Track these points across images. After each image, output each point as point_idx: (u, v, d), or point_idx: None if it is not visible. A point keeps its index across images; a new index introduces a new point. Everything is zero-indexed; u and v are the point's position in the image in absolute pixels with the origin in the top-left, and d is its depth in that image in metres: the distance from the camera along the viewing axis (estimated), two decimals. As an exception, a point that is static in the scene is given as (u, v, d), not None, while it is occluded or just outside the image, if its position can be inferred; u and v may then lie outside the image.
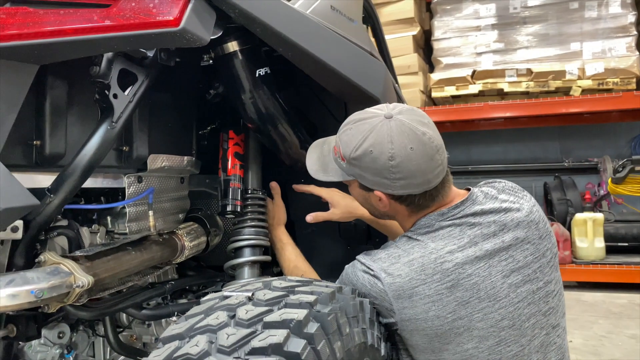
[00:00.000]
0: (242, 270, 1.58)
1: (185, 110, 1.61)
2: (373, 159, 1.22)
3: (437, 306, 1.18)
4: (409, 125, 1.22)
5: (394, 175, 1.22)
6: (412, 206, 1.30)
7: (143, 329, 1.67)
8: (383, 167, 1.22)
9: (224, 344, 0.84)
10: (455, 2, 5.52)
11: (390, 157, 1.20)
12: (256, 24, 1.15)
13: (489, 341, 1.21)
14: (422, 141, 1.22)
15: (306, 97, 1.73)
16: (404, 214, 1.34)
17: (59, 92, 1.19)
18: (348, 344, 1.01)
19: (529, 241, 1.27)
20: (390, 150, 1.20)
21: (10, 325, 1.22)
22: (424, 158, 1.21)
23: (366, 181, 1.28)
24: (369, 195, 1.33)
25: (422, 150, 1.21)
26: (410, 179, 1.22)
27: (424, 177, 1.23)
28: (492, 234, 1.25)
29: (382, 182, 1.25)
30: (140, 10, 1.02)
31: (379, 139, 1.21)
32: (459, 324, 1.19)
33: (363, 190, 1.33)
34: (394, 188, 1.25)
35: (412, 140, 1.21)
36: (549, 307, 1.27)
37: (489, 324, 1.20)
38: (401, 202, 1.29)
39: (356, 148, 1.24)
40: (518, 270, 1.24)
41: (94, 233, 1.42)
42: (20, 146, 1.15)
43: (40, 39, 0.99)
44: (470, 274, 1.20)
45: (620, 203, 5.68)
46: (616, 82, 4.97)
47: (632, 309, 4.39)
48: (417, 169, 1.22)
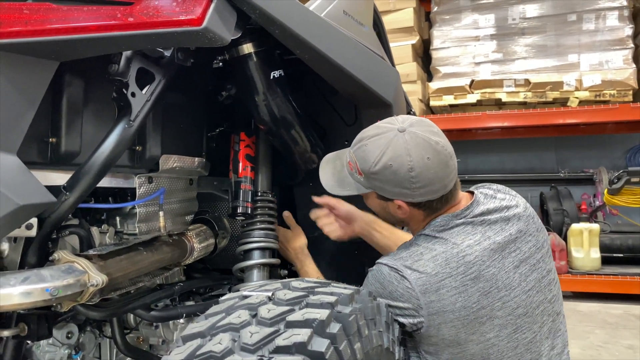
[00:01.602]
0: (251, 272, 1.58)
1: (197, 111, 1.61)
2: (393, 172, 1.28)
3: (463, 297, 1.24)
4: (422, 136, 1.29)
5: (414, 185, 1.28)
6: (429, 210, 1.37)
7: (150, 331, 1.65)
8: (403, 178, 1.28)
9: (247, 342, 0.84)
10: (454, 12, 5.56)
11: (410, 169, 1.27)
12: (275, 25, 1.15)
13: (507, 329, 1.27)
14: (437, 150, 1.29)
15: (316, 100, 1.74)
16: (420, 218, 1.40)
17: (75, 89, 1.19)
18: (367, 346, 1.01)
19: (530, 233, 1.37)
20: (409, 162, 1.27)
21: (21, 324, 1.21)
22: (440, 166, 1.29)
23: (386, 192, 1.34)
24: (387, 205, 1.39)
25: (438, 158, 1.29)
26: (429, 187, 1.29)
27: (441, 183, 1.30)
28: (500, 228, 1.34)
29: (403, 192, 1.31)
30: (163, 8, 1.03)
31: (397, 152, 1.28)
32: (482, 313, 1.25)
33: (382, 201, 1.39)
34: (414, 196, 1.31)
35: (427, 150, 1.28)
36: (552, 295, 1.36)
37: (507, 312, 1.27)
38: (419, 207, 1.36)
39: (375, 163, 1.30)
40: (525, 260, 1.33)
41: (103, 233, 1.42)
42: (35, 143, 1.15)
43: (62, 36, 0.99)
44: (489, 266, 1.27)
45: (615, 214, 5.71)
46: (613, 94, 5.01)
47: (628, 319, 4.40)
48: (435, 177, 1.29)
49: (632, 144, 6.04)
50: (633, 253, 5.21)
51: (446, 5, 5.60)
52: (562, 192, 5.59)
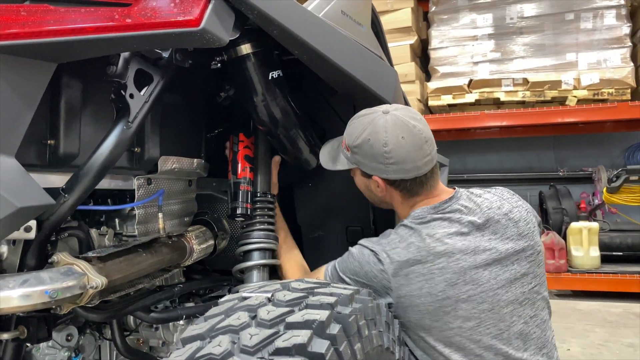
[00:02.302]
0: (250, 273, 1.57)
1: (196, 112, 1.60)
2: (370, 145, 1.40)
3: (430, 284, 1.32)
4: (402, 119, 1.41)
5: (387, 160, 1.39)
6: (405, 191, 1.46)
7: (150, 333, 1.65)
8: (378, 152, 1.39)
9: (247, 344, 0.84)
10: (452, 12, 5.57)
11: (384, 144, 1.38)
12: (274, 25, 1.15)
13: (471, 322, 1.33)
14: (412, 132, 1.40)
15: (315, 101, 1.73)
16: (399, 200, 1.49)
17: (73, 91, 1.19)
18: (367, 346, 1.01)
19: (508, 236, 1.41)
20: (385, 138, 1.39)
21: (20, 327, 1.21)
22: (413, 147, 1.39)
23: (365, 167, 1.45)
24: (369, 182, 1.50)
25: (412, 140, 1.40)
26: (401, 164, 1.40)
27: (413, 164, 1.40)
28: (477, 227, 1.40)
29: (378, 167, 1.42)
30: (161, 9, 1.02)
31: (376, 129, 1.40)
32: (447, 303, 1.32)
33: (364, 177, 1.50)
34: (388, 172, 1.41)
35: (403, 130, 1.40)
36: (524, 298, 1.40)
37: (471, 305, 1.33)
38: (395, 187, 1.45)
39: (357, 137, 1.42)
40: (499, 260, 1.38)
41: (102, 235, 1.41)
42: (33, 145, 1.14)
43: (60, 37, 0.99)
44: (459, 259, 1.34)
45: (614, 212, 5.72)
46: (611, 93, 5.02)
47: (628, 317, 4.41)
48: (407, 156, 1.39)
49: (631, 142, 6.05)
50: (632, 251, 5.22)
51: (444, 5, 5.60)
52: (561, 191, 5.60)
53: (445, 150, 4.14)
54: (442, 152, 3.98)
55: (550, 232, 5.12)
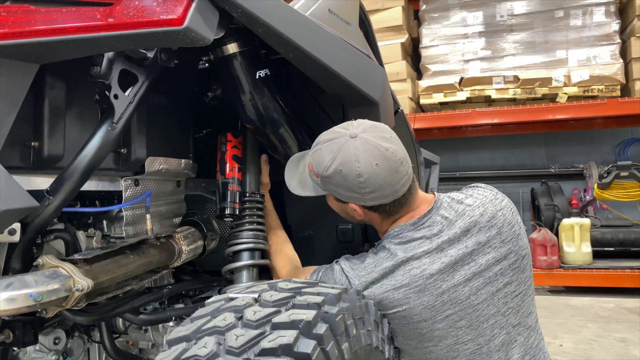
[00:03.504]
0: (240, 274, 1.56)
1: (183, 112, 1.59)
2: (343, 177, 1.31)
3: (405, 308, 1.30)
4: (372, 142, 1.31)
5: (363, 190, 1.31)
6: (384, 214, 1.41)
7: (139, 335, 1.64)
8: (352, 183, 1.31)
9: (233, 345, 0.83)
10: (442, 10, 5.58)
11: (358, 174, 1.29)
12: (258, 24, 1.14)
13: (448, 340, 1.31)
14: (386, 157, 1.30)
15: (303, 99, 1.73)
16: (378, 220, 1.45)
17: (57, 92, 1.17)
18: (355, 345, 1.00)
19: (490, 245, 1.35)
20: (357, 168, 1.29)
21: (6, 331, 1.19)
22: (389, 172, 1.30)
23: (340, 195, 1.38)
24: (345, 207, 1.43)
25: (387, 165, 1.30)
26: (379, 192, 1.32)
27: (391, 189, 1.33)
28: (457, 239, 1.34)
29: (354, 197, 1.34)
30: (144, 8, 1.01)
31: (346, 159, 1.30)
32: (422, 325, 1.30)
33: (339, 202, 1.44)
34: (365, 200, 1.34)
35: (376, 156, 1.29)
36: (507, 307, 1.35)
37: (448, 324, 1.30)
38: (374, 210, 1.39)
39: (327, 168, 1.33)
40: (480, 273, 1.33)
41: (89, 237, 1.40)
42: (17, 147, 1.13)
43: (41, 38, 0.98)
44: (437, 279, 1.30)
45: (605, 208, 5.76)
46: (601, 89, 5.05)
47: (620, 312, 4.43)
48: (384, 182, 1.31)
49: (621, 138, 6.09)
50: (624, 247, 5.25)
51: (434, 3, 5.62)
52: (553, 188, 5.63)
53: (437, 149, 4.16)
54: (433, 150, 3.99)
55: (542, 229, 5.14)
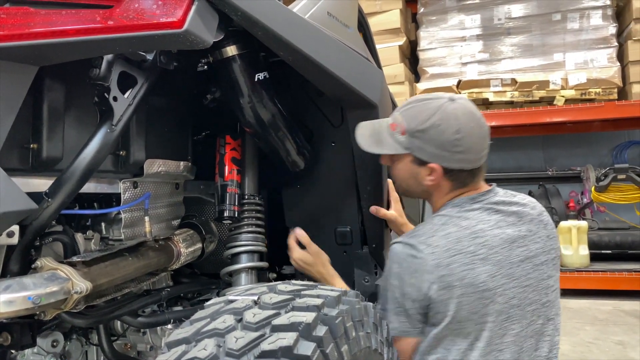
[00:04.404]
0: (239, 276, 1.57)
1: (182, 115, 1.60)
2: (440, 131, 1.35)
3: (472, 275, 1.29)
4: (469, 108, 1.40)
5: (455, 149, 1.35)
6: (457, 182, 1.42)
7: (138, 337, 1.63)
8: (447, 140, 1.35)
9: (232, 347, 0.83)
10: (440, 13, 5.59)
11: (456, 130, 1.35)
12: (258, 27, 1.14)
13: (502, 316, 1.32)
14: (479, 123, 1.39)
15: (302, 102, 1.73)
16: (444, 191, 1.44)
17: (56, 94, 1.17)
18: (354, 347, 1.00)
19: (539, 236, 1.41)
20: (457, 125, 1.35)
21: (4, 333, 1.19)
22: (479, 138, 1.38)
23: (424, 154, 1.39)
24: (418, 171, 1.42)
25: (479, 130, 1.38)
26: (467, 154, 1.37)
27: (476, 155, 1.39)
28: (512, 222, 1.39)
29: (442, 155, 1.37)
30: (144, 11, 1.01)
31: (446, 115, 1.36)
32: (486, 295, 1.30)
33: (414, 165, 1.42)
34: (451, 161, 1.37)
35: (472, 120, 1.38)
36: (546, 299, 1.39)
37: (504, 299, 1.32)
38: (450, 177, 1.41)
39: (424, 121, 1.36)
40: (530, 258, 1.37)
41: (88, 239, 1.40)
42: (16, 149, 1.13)
43: (41, 40, 0.98)
44: (497, 252, 1.33)
45: (603, 211, 5.76)
46: (598, 92, 5.06)
47: (618, 315, 4.44)
48: (474, 146, 1.37)
49: (618, 141, 6.11)
50: (621, 249, 5.26)
51: (432, 6, 5.63)
52: (550, 190, 5.64)
53: (435, 151, 4.16)
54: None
55: (539, 231, 5.14)
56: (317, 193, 1.75)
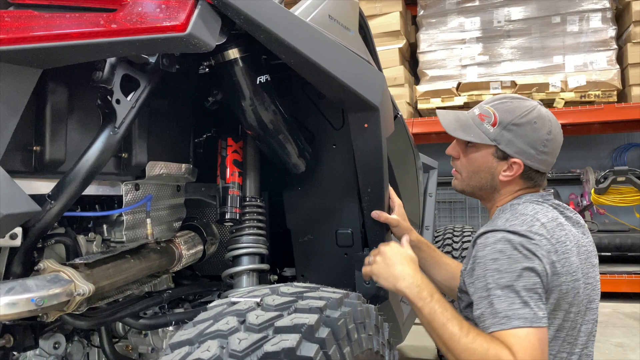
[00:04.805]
0: (240, 278, 1.57)
1: (183, 117, 1.60)
2: (535, 128, 1.41)
3: (568, 263, 1.31)
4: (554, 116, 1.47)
5: (543, 148, 1.41)
6: (529, 182, 1.47)
7: (139, 339, 1.63)
8: (539, 138, 1.40)
9: (236, 349, 0.83)
10: (440, 16, 5.61)
11: (549, 131, 1.41)
12: (260, 30, 1.15)
13: (581, 309, 1.35)
14: (561, 131, 1.47)
15: (303, 105, 1.73)
16: (513, 189, 1.48)
17: (59, 97, 1.18)
18: (356, 349, 1.01)
19: (589, 240, 1.47)
20: (550, 126, 1.42)
21: (7, 335, 1.19)
22: (560, 144, 1.46)
23: (512, 148, 1.42)
24: (497, 164, 1.45)
25: (561, 137, 1.46)
26: (549, 156, 1.44)
27: (553, 159, 1.46)
28: (573, 223, 1.44)
29: (529, 152, 1.41)
30: (147, 14, 1.02)
31: (542, 115, 1.43)
32: (577, 285, 1.32)
33: (494, 158, 1.45)
34: (534, 160, 1.42)
35: (558, 126, 1.46)
36: (596, 305, 1.43)
37: (583, 293, 1.35)
38: (524, 177, 1.45)
39: (522, 116, 1.41)
40: (589, 259, 1.42)
41: (90, 241, 1.40)
42: (19, 151, 1.13)
43: (45, 43, 0.98)
44: (580, 245, 1.38)
45: (602, 213, 5.77)
46: (598, 95, 5.08)
47: (617, 317, 4.44)
48: (556, 150, 1.45)
49: (618, 143, 6.12)
50: (620, 252, 5.27)
51: (432, 9, 5.64)
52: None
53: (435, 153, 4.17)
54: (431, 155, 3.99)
55: (539, 234, 5.14)
56: (318, 195, 1.76)
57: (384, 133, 1.56)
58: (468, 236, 3.42)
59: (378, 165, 1.58)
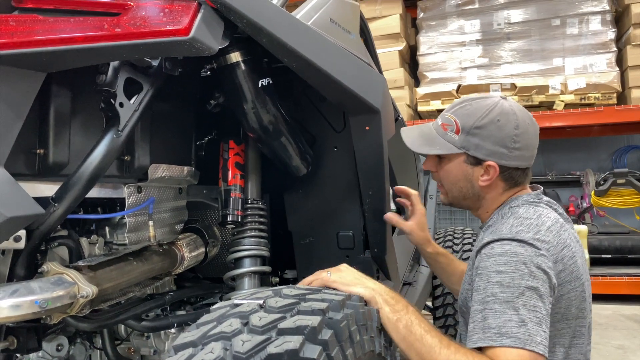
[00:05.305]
0: (242, 280, 1.57)
1: (185, 120, 1.61)
2: (499, 127, 1.34)
3: (575, 268, 1.27)
4: (521, 106, 1.41)
5: (514, 145, 1.34)
6: (511, 182, 1.40)
7: (141, 341, 1.64)
8: (507, 135, 1.34)
9: (239, 351, 0.84)
10: (440, 18, 5.62)
11: (515, 126, 1.34)
12: (263, 34, 1.16)
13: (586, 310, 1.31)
14: (532, 120, 1.40)
15: (305, 108, 1.74)
16: (498, 192, 1.42)
17: (63, 100, 1.19)
18: (359, 351, 1.01)
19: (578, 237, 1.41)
20: (516, 120, 1.35)
21: (10, 337, 1.20)
22: (534, 135, 1.39)
23: (482, 151, 1.36)
24: (472, 171, 1.40)
25: (534, 128, 1.39)
26: (524, 151, 1.36)
27: (531, 152, 1.38)
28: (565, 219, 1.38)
29: (500, 152, 1.35)
30: (151, 18, 1.03)
31: (505, 111, 1.36)
32: (584, 288, 1.29)
33: (468, 165, 1.40)
34: (508, 158, 1.35)
35: (527, 117, 1.38)
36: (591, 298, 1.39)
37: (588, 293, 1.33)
38: (504, 176, 1.39)
39: (482, 117, 1.36)
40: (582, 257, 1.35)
41: (92, 244, 1.41)
42: (23, 155, 1.14)
43: (49, 47, 0.99)
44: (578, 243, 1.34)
45: (602, 215, 5.78)
46: (597, 97, 5.09)
47: (618, 319, 4.44)
48: (530, 143, 1.37)
49: (618, 145, 6.13)
50: (620, 254, 5.27)
51: (432, 12, 5.66)
52: (550, 195, 5.63)
53: (435, 156, 4.19)
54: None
55: (539, 236, 5.15)
56: (319, 197, 1.76)
57: (385, 135, 1.57)
58: (468, 238, 3.43)
59: (379, 167, 1.58)
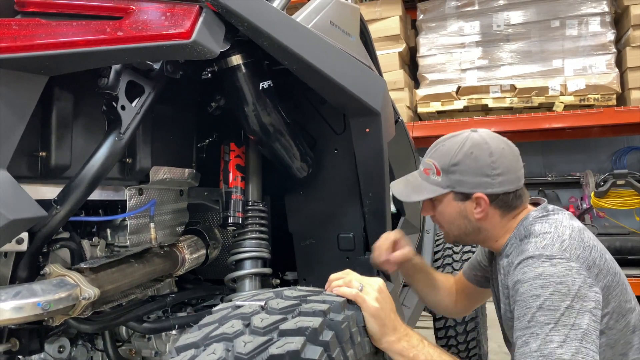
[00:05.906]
0: (243, 282, 1.58)
1: (187, 122, 1.61)
2: (474, 158, 1.36)
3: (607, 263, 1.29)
4: (493, 133, 1.44)
5: (494, 171, 1.35)
6: (506, 208, 1.40)
7: (142, 343, 1.65)
8: (484, 164, 1.36)
9: (241, 352, 0.84)
10: (440, 20, 5.62)
11: (489, 154, 1.36)
12: (263, 37, 1.16)
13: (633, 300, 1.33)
14: (508, 143, 1.42)
15: (305, 110, 1.75)
16: (496, 220, 1.41)
17: (65, 103, 1.20)
18: (359, 352, 1.02)
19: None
20: (488, 148, 1.36)
21: (12, 339, 1.20)
22: (513, 157, 1.40)
23: (466, 185, 1.38)
24: (464, 207, 1.40)
25: (510, 150, 1.41)
26: (507, 175, 1.37)
27: (515, 174, 1.39)
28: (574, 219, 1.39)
29: (483, 181, 1.36)
30: (152, 22, 1.04)
31: (476, 143, 1.38)
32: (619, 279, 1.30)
33: (458, 202, 1.41)
34: (493, 186, 1.36)
35: (500, 141, 1.40)
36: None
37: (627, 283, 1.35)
38: (496, 205, 1.39)
39: (456, 154, 1.38)
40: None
41: (94, 246, 1.41)
42: (25, 157, 1.15)
43: (51, 50, 1.00)
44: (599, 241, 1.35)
45: (602, 217, 5.77)
46: (597, 98, 5.08)
47: (618, 320, 4.44)
48: (510, 165, 1.38)
49: (617, 147, 6.12)
50: (621, 255, 5.25)
51: (432, 13, 5.66)
52: (550, 196, 5.66)
53: (435, 157, 4.19)
54: (431, 159, 3.99)
55: (539, 237, 5.14)
56: (320, 199, 1.77)
57: (385, 137, 1.58)
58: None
59: (379, 169, 1.59)
